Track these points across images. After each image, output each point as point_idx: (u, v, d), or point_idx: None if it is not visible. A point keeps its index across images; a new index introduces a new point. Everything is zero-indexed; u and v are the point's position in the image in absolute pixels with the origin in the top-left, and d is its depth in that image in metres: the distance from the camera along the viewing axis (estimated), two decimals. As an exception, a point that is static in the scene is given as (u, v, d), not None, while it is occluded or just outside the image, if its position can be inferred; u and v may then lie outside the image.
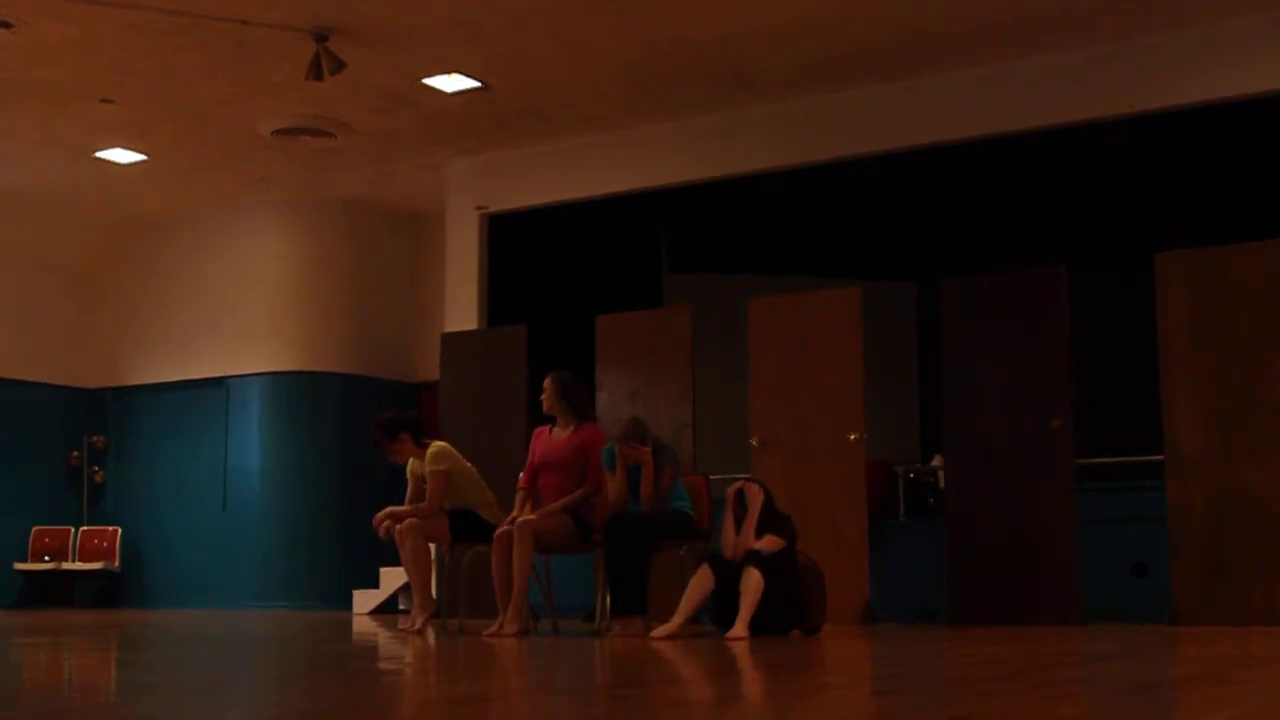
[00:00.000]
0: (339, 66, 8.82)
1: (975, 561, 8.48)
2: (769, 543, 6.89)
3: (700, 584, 6.87)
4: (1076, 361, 8.40)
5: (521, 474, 7.72)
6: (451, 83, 9.76)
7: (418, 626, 7.55)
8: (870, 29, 8.92)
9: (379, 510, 7.92)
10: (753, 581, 6.67)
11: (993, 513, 8.47)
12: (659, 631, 6.78)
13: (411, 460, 8.01)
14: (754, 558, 6.76)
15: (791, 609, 6.88)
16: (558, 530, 7.33)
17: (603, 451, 7.44)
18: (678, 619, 6.84)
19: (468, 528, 7.71)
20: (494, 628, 7.18)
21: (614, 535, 7.20)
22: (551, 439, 7.59)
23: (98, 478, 13.38)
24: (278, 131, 10.65)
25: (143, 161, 11.51)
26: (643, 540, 7.21)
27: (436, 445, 7.87)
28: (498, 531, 7.32)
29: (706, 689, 4.35)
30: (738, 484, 7.17)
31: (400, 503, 8.07)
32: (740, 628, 6.58)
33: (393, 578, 11.17)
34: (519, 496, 7.62)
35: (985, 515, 8.50)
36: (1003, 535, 8.42)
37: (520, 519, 7.30)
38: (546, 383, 7.65)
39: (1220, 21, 8.76)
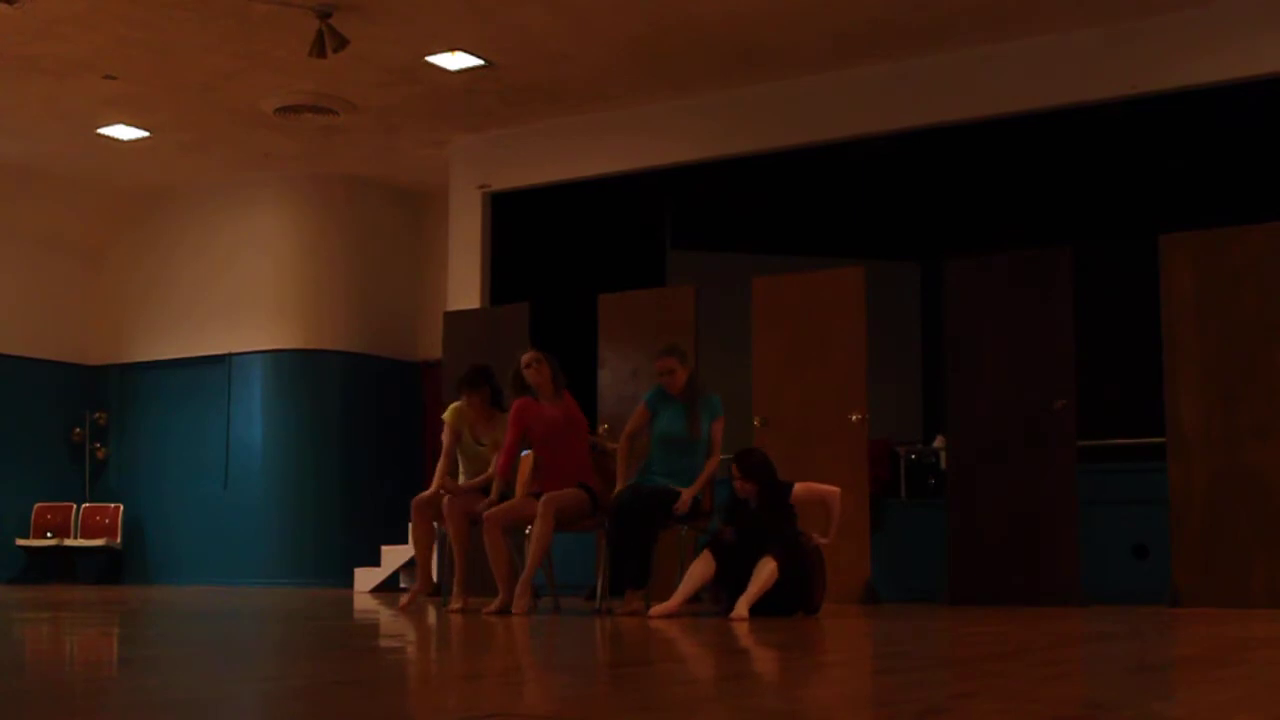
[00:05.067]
0: (342, 44, 8.80)
1: (976, 542, 8.49)
2: (764, 580, 6.75)
3: (701, 568, 6.87)
4: (1080, 342, 8.39)
5: (500, 456, 7.39)
6: (455, 60, 9.74)
7: (456, 606, 7.40)
8: (876, 8, 8.89)
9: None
10: (765, 572, 6.65)
11: (994, 493, 8.48)
12: (658, 610, 6.78)
13: (466, 416, 7.75)
14: (775, 549, 6.74)
15: (797, 592, 6.89)
16: (574, 506, 7.30)
17: (648, 395, 7.51)
18: (677, 598, 6.84)
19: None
20: (492, 605, 7.16)
21: (620, 512, 7.18)
22: (547, 412, 7.45)
23: (100, 454, 13.39)
24: (281, 109, 10.63)
25: (145, 138, 11.49)
26: (647, 520, 7.18)
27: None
28: (488, 513, 7.23)
29: (709, 667, 4.36)
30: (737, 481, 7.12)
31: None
32: (742, 609, 6.58)
33: (394, 556, 11.19)
34: (500, 480, 7.33)
35: (986, 496, 8.51)
36: (1004, 516, 8.42)
37: (548, 495, 7.17)
38: (535, 358, 7.44)
39: (1227, 2, 8.72)
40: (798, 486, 7.01)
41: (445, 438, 7.81)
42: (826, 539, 7.00)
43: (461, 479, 7.76)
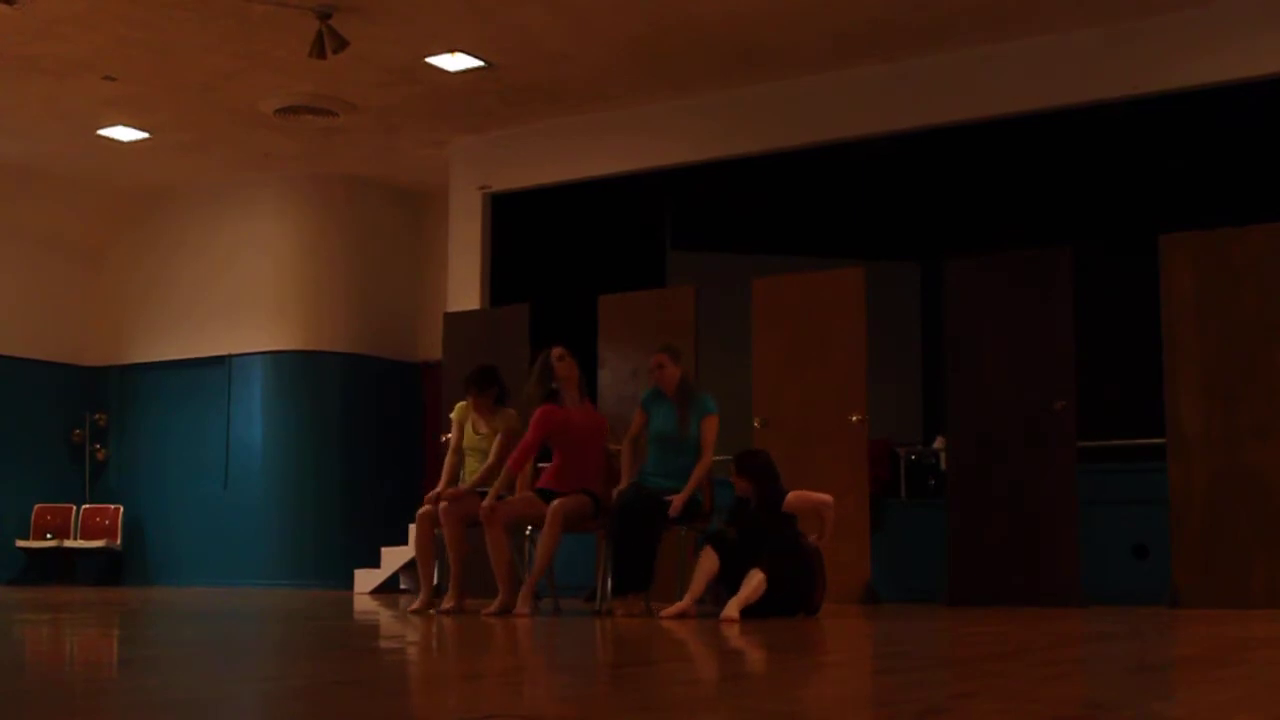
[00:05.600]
0: (342, 45, 8.79)
1: (976, 542, 8.48)
2: (752, 588, 6.76)
3: (708, 564, 6.87)
4: (1080, 343, 8.39)
5: (515, 454, 7.34)
6: (455, 61, 9.74)
7: (447, 606, 7.37)
8: (876, 8, 8.89)
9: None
10: (754, 582, 6.67)
11: (994, 493, 8.48)
12: (669, 611, 6.77)
13: (470, 414, 7.76)
14: (764, 561, 6.75)
15: (798, 593, 6.89)
16: (578, 511, 7.30)
17: (643, 396, 7.55)
18: (688, 598, 6.84)
19: None
20: (492, 606, 7.15)
21: (622, 512, 7.17)
22: (573, 416, 7.44)
23: (100, 455, 13.39)
24: (281, 110, 10.62)
25: (145, 138, 11.49)
26: (648, 521, 7.16)
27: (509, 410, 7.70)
28: (490, 512, 7.22)
29: (709, 668, 4.35)
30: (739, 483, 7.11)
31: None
32: (732, 610, 6.58)
33: (394, 557, 11.18)
34: (505, 477, 7.30)
35: (986, 496, 8.50)
36: (1004, 516, 8.42)
37: (556, 502, 7.19)
38: (565, 352, 7.43)
39: (1228, 3, 8.72)
40: (791, 495, 7.00)
41: (453, 435, 7.85)
42: (823, 542, 7.01)
43: (465, 474, 7.77)
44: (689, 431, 7.30)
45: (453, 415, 7.92)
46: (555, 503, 7.18)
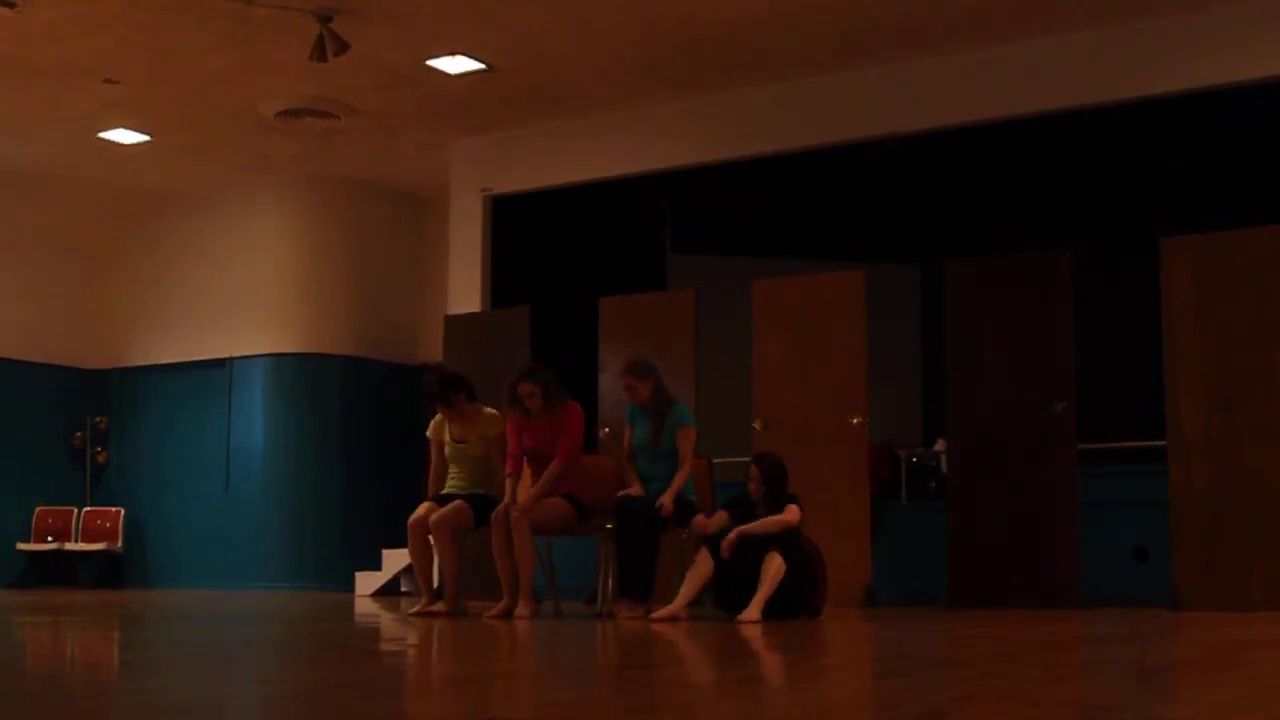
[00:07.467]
0: (343, 48, 8.80)
1: (976, 544, 8.48)
2: (791, 515, 6.85)
3: (701, 567, 6.86)
4: (1080, 345, 8.39)
5: (506, 464, 7.46)
6: (456, 64, 9.74)
7: (443, 609, 7.40)
8: (876, 10, 8.89)
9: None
10: (773, 568, 6.64)
11: (994, 496, 8.48)
12: (660, 613, 6.77)
13: (445, 426, 7.82)
14: (776, 543, 6.74)
15: (799, 593, 6.88)
16: (555, 515, 7.30)
17: (628, 410, 7.61)
18: (680, 601, 6.84)
19: (486, 513, 7.53)
20: (495, 610, 7.17)
21: (627, 518, 7.18)
22: (534, 428, 7.44)
23: (101, 458, 13.39)
24: (281, 113, 10.63)
25: (146, 141, 11.50)
26: (647, 523, 7.18)
27: (491, 410, 7.75)
28: (496, 512, 7.27)
29: (711, 671, 4.36)
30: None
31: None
32: (754, 611, 6.56)
33: (395, 559, 11.18)
34: (510, 483, 7.38)
35: (987, 498, 8.50)
36: (1004, 518, 8.42)
37: (520, 507, 7.24)
38: (530, 391, 7.35)
39: (1229, 5, 8.73)
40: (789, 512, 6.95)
41: (431, 451, 7.91)
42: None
43: (453, 481, 7.79)
44: (661, 443, 7.36)
45: (429, 433, 7.94)
46: (519, 507, 7.21)
